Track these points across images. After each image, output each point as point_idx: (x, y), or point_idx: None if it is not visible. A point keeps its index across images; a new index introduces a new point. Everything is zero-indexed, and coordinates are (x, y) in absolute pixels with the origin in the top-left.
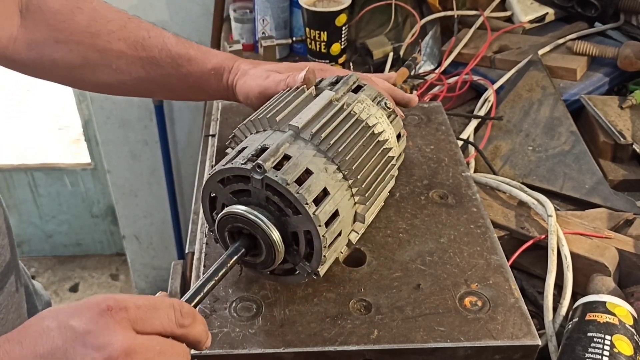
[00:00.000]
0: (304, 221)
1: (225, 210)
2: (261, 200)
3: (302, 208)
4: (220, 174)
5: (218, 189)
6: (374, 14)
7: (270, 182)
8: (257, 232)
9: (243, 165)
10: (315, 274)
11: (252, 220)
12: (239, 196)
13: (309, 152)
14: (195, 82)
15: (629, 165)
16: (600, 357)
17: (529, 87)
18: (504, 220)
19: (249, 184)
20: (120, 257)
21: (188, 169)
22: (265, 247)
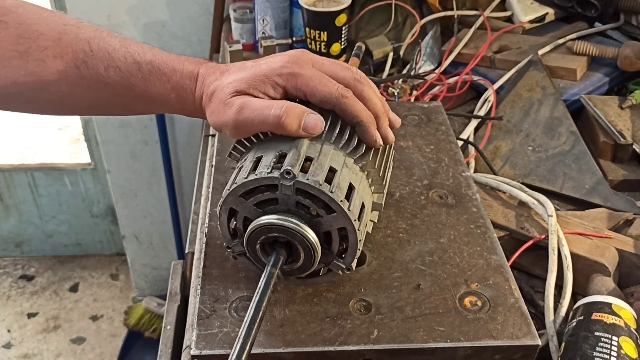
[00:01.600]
0: (339, 219)
1: (258, 222)
2: (290, 205)
3: (336, 206)
4: (243, 187)
5: (239, 202)
6: (374, 14)
7: (302, 186)
8: (295, 238)
9: (269, 174)
10: (349, 269)
11: (289, 227)
12: (264, 206)
13: (327, 151)
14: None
15: (629, 165)
16: (608, 357)
17: (529, 87)
18: (504, 220)
19: (276, 192)
20: (120, 257)
21: (188, 169)
22: (304, 252)
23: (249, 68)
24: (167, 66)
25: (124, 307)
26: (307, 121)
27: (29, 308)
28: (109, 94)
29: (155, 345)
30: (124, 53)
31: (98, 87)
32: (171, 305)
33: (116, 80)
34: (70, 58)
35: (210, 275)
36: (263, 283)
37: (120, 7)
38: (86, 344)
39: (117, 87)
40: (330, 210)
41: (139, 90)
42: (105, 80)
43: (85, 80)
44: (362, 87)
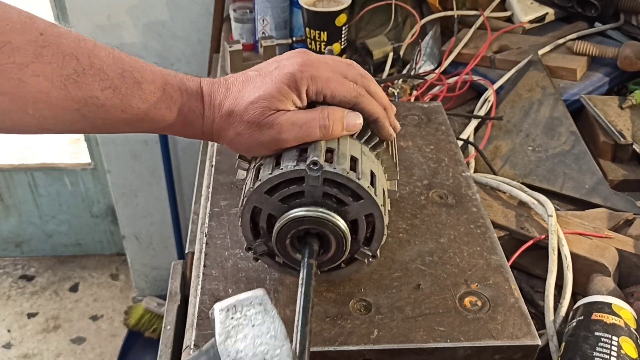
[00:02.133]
0: (366, 205)
1: (288, 216)
2: (316, 197)
3: (364, 193)
4: (268, 182)
5: (264, 200)
6: (374, 14)
7: (329, 175)
8: (327, 228)
9: (296, 167)
10: (374, 256)
11: (322, 217)
12: (289, 201)
13: (345, 141)
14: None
15: (629, 165)
16: (608, 357)
17: (529, 87)
18: (504, 220)
19: (302, 185)
20: (120, 257)
21: (188, 169)
22: (335, 241)
23: (264, 79)
24: (171, 86)
25: (124, 307)
26: (348, 122)
27: (29, 308)
28: (100, 117)
29: (155, 345)
30: (121, 70)
31: (89, 109)
32: (171, 305)
33: (114, 102)
34: (56, 76)
35: (210, 275)
36: (305, 275)
37: (120, 7)
38: (86, 344)
39: (114, 109)
40: (357, 197)
41: (140, 114)
42: (100, 102)
43: (74, 102)
44: (368, 83)
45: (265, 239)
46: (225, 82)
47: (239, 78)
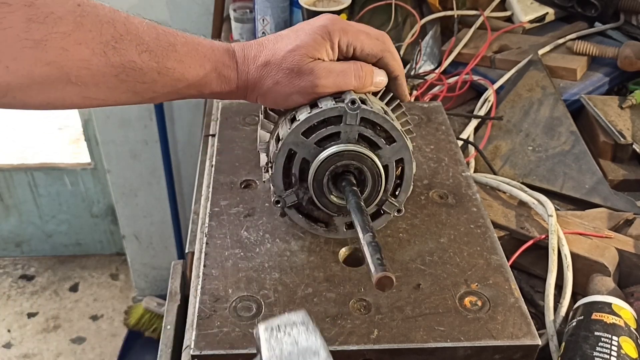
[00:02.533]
0: (399, 149)
1: (330, 151)
2: (351, 139)
3: (398, 135)
4: (307, 122)
5: (300, 142)
6: (374, 13)
7: (367, 114)
8: (365, 164)
9: (335, 106)
10: (400, 210)
11: (362, 152)
12: (324, 143)
13: (371, 97)
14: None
15: (629, 165)
16: (608, 357)
17: (529, 87)
18: (504, 220)
19: (339, 125)
20: (120, 256)
21: (188, 169)
22: (371, 179)
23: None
24: (203, 46)
25: (124, 306)
26: (377, 78)
27: (29, 308)
28: (138, 81)
29: (155, 345)
30: (155, 35)
31: (127, 74)
32: (171, 305)
33: (151, 65)
34: (96, 44)
35: (210, 275)
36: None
37: (120, 7)
38: (86, 343)
39: (151, 72)
40: (391, 140)
41: (178, 75)
42: (139, 66)
43: (114, 68)
44: (389, 42)
45: (296, 188)
46: (257, 41)
47: (270, 37)
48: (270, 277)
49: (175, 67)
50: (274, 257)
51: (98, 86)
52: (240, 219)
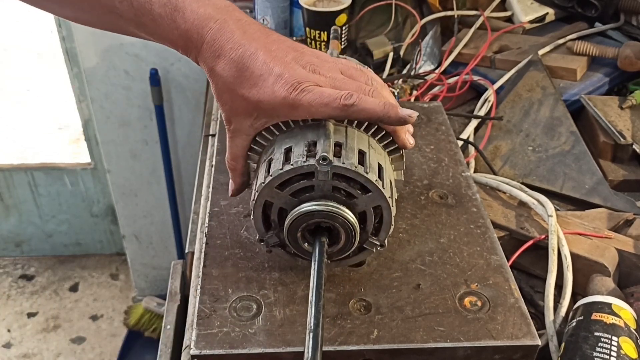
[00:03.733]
0: (375, 198)
1: (299, 210)
2: (326, 191)
3: (372, 186)
4: (279, 178)
5: (275, 194)
6: (374, 13)
7: (338, 170)
8: (336, 221)
9: (305, 162)
10: (382, 245)
11: (332, 211)
12: (299, 195)
13: (352, 134)
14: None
15: (629, 166)
16: (608, 357)
17: (529, 87)
18: (504, 220)
19: (312, 179)
20: (120, 256)
21: (188, 169)
22: (345, 234)
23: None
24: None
25: (123, 306)
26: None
27: (29, 308)
28: (121, 25)
29: (155, 345)
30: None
31: (113, 15)
32: (171, 305)
33: (128, 15)
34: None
35: (210, 275)
36: (316, 270)
37: None
38: (86, 343)
39: (130, 21)
40: (366, 190)
41: (150, 30)
42: (119, 13)
43: (102, 7)
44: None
45: (277, 231)
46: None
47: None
48: (270, 277)
49: (147, 24)
50: (274, 257)
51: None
52: (240, 219)
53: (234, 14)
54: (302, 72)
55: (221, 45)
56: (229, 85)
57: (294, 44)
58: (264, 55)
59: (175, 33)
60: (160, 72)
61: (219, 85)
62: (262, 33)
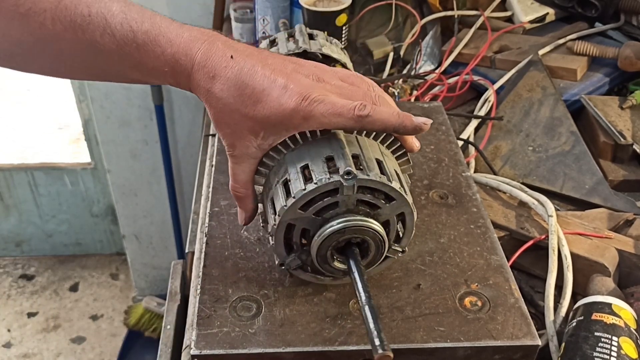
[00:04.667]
0: (399, 205)
1: (329, 229)
2: (350, 205)
3: (397, 194)
4: (303, 199)
5: (298, 216)
6: (374, 13)
7: (363, 183)
8: (367, 235)
9: (330, 180)
10: (403, 251)
11: (363, 225)
12: (322, 213)
13: (364, 143)
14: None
15: (629, 166)
16: (608, 357)
17: (529, 87)
18: (504, 220)
19: (336, 195)
20: (120, 256)
21: (188, 169)
22: (375, 246)
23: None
24: (164, 37)
25: (124, 306)
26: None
27: (29, 307)
28: (104, 61)
29: (155, 345)
30: (121, 20)
31: (94, 52)
32: (171, 305)
33: (111, 48)
34: (68, 22)
35: (210, 275)
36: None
37: None
38: (86, 343)
39: (112, 54)
40: (390, 199)
41: (134, 61)
42: (100, 47)
43: (82, 44)
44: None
45: (299, 253)
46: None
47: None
48: (270, 277)
49: (132, 54)
50: (273, 257)
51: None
52: None
53: (220, 36)
54: (307, 81)
55: (214, 65)
56: (230, 107)
57: (289, 57)
58: (262, 69)
59: (161, 59)
60: None
61: (218, 108)
62: (254, 49)
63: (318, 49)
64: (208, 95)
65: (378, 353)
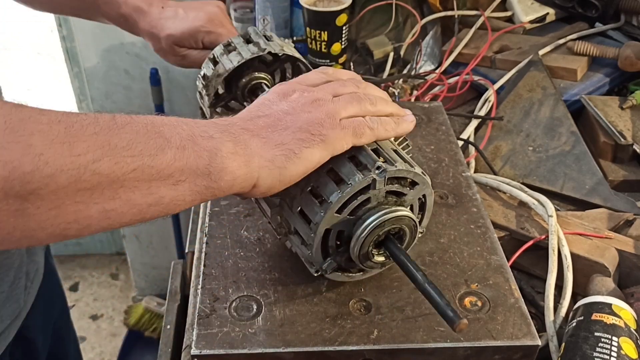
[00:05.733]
0: (421, 189)
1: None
2: (380, 198)
3: (420, 179)
4: (339, 202)
5: (335, 220)
6: (374, 13)
7: (392, 174)
8: (403, 223)
9: (364, 178)
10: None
11: (399, 215)
12: (356, 212)
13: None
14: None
15: (629, 166)
16: (608, 357)
17: (529, 87)
18: (504, 220)
19: (367, 191)
20: (120, 256)
21: None
22: (409, 232)
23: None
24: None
25: (124, 306)
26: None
27: None
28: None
29: (155, 345)
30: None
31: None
32: (171, 304)
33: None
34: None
35: (210, 275)
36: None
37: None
38: (86, 343)
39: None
40: (414, 184)
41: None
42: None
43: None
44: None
45: (335, 256)
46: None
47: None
48: (270, 277)
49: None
50: (274, 257)
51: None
52: (240, 219)
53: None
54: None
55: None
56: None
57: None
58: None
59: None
60: (161, 72)
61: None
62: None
63: (280, 49)
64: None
65: (456, 323)
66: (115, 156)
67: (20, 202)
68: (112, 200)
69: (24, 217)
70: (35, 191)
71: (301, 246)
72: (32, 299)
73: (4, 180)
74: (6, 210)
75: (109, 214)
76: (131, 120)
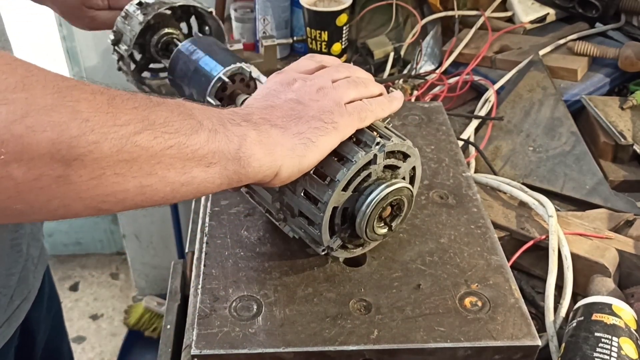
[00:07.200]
0: (413, 160)
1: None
2: (379, 173)
3: (412, 151)
4: (345, 179)
5: (341, 197)
6: (374, 13)
7: (390, 148)
8: (402, 194)
9: (366, 154)
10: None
11: (399, 187)
12: (358, 188)
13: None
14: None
15: (629, 166)
16: (608, 358)
17: (529, 87)
18: (504, 220)
19: (369, 167)
20: (120, 256)
21: None
22: (407, 203)
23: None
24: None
25: (124, 306)
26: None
27: None
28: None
29: (155, 345)
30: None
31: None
32: (171, 304)
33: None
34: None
35: (210, 275)
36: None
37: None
38: (86, 343)
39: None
40: (406, 157)
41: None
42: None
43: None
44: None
45: (340, 233)
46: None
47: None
48: (270, 277)
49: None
50: (274, 257)
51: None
52: (240, 219)
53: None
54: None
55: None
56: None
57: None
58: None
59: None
60: None
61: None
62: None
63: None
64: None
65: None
66: (154, 131)
67: (63, 168)
68: (149, 176)
69: (65, 184)
70: (79, 157)
71: (308, 227)
72: (38, 284)
73: (52, 143)
74: (49, 176)
75: (145, 189)
76: (165, 101)
